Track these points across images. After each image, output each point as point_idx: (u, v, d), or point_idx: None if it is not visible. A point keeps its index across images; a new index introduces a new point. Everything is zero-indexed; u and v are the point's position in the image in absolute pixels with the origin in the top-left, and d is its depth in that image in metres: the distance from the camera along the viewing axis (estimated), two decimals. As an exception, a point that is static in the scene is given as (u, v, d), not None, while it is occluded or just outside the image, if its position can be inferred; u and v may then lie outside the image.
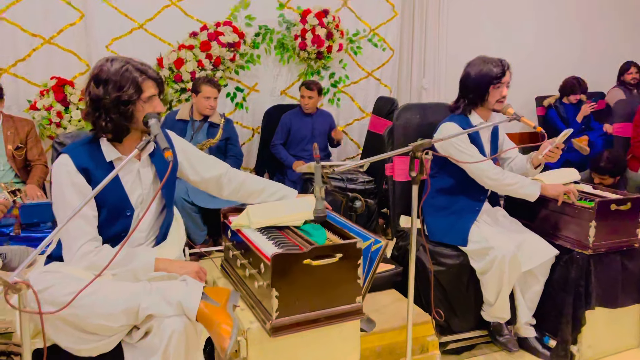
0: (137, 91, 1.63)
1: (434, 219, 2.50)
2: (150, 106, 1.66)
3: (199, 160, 1.93)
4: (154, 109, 1.66)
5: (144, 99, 1.65)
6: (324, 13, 4.36)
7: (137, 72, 1.63)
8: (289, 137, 4.21)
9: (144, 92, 1.65)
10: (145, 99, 1.65)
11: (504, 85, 2.37)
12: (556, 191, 2.38)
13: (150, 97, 1.66)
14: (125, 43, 4.01)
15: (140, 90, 1.63)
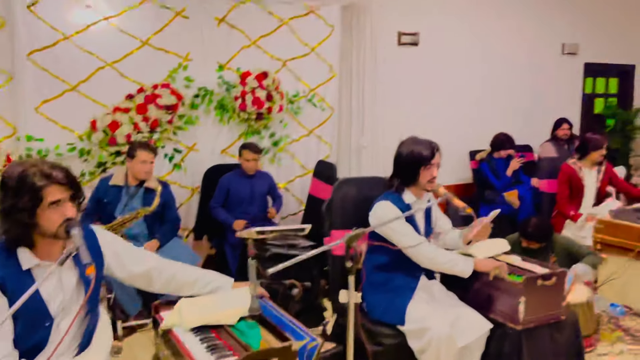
0: (35, 198, 1.55)
1: (372, 296, 2.52)
2: (56, 212, 1.58)
3: (127, 255, 1.85)
4: (62, 215, 1.59)
5: (46, 206, 1.57)
6: (264, 75, 4.42)
7: (39, 177, 1.56)
8: (227, 198, 4.16)
9: (45, 198, 1.56)
10: (47, 206, 1.57)
11: (434, 166, 2.46)
12: (487, 267, 2.47)
13: (55, 202, 1.58)
14: (57, 105, 3.89)
15: (39, 198, 1.56)
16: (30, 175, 1.55)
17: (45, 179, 1.56)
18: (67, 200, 1.61)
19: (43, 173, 1.57)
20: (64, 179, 1.60)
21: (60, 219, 1.58)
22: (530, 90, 6.37)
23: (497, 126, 5.74)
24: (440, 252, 2.46)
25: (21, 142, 3.75)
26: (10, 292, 1.52)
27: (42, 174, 1.56)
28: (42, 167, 1.58)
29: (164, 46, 4.19)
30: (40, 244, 1.62)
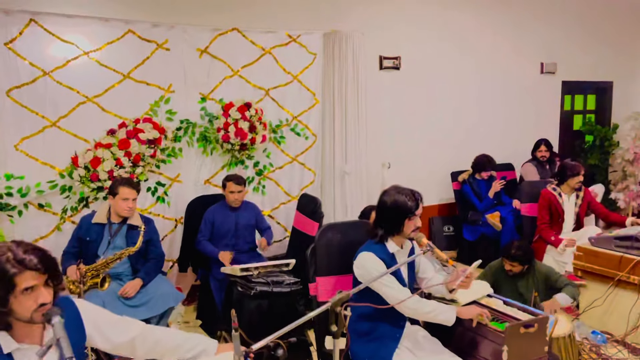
0: (8, 286, 1.53)
1: (357, 345, 2.53)
2: (30, 298, 1.56)
3: (110, 327, 1.84)
4: (35, 301, 1.56)
5: (19, 293, 1.54)
6: (247, 106, 4.42)
7: (12, 263, 1.53)
8: (212, 231, 4.15)
9: (18, 285, 1.54)
10: (20, 292, 1.55)
11: (418, 217, 2.48)
12: (470, 314, 2.50)
13: (27, 288, 1.56)
14: (36, 142, 3.86)
15: (12, 285, 1.53)
16: (3, 262, 1.53)
17: (18, 265, 1.54)
18: (41, 285, 1.58)
19: (16, 259, 1.54)
20: (38, 264, 1.57)
21: (34, 304, 1.56)
22: (511, 110, 6.47)
23: (478, 146, 5.83)
24: (423, 302, 2.49)
25: (1, 181, 3.70)
26: None
27: (16, 260, 1.54)
28: (16, 252, 1.55)
29: (145, 79, 4.18)
30: (17, 327, 1.60)
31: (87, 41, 3.96)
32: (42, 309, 1.55)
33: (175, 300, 3.58)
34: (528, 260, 3.60)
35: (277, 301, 3.51)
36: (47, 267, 1.59)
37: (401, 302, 2.33)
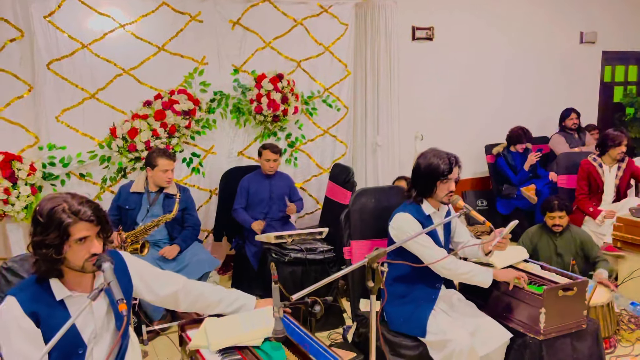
0: (63, 235, 1.59)
1: (392, 307, 2.55)
2: (83, 248, 1.62)
3: (155, 279, 1.90)
4: (87, 251, 1.62)
5: (73, 242, 1.61)
6: (279, 78, 4.43)
7: (67, 214, 1.59)
8: (247, 199, 4.21)
9: (73, 235, 1.60)
10: (74, 242, 1.61)
11: (452, 180, 2.46)
12: (507, 277, 2.48)
13: (81, 239, 1.62)
14: (77, 113, 3.95)
15: (66, 234, 1.59)
16: (59, 212, 1.59)
17: (73, 216, 1.60)
18: (93, 236, 1.65)
19: (71, 210, 1.60)
20: (92, 216, 1.63)
21: (86, 254, 1.62)
22: (548, 81, 6.29)
23: (513, 119, 5.70)
24: (459, 263, 2.48)
25: (44, 151, 3.83)
26: (44, 324, 1.57)
27: (71, 211, 1.60)
28: (71, 203, 1.62)
29: (179, 51, 4.22)
30: (69, 275, 1.67)
31: (122, 14, 4.02)
32: (93, 259, 1.61)
33: (211, 266, 3.67)
34: (570, 210, 3.60)
35: (311, 268, 3.57)
36: (100, 219, 1.66)
37: (437, 261, 2.33)
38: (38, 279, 1.65)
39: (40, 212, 1.60)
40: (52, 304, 1.62)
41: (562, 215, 3.52)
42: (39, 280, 1.65)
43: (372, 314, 1.92)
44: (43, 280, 1.65)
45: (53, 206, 1.59)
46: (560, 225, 3.54)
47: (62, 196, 1.64)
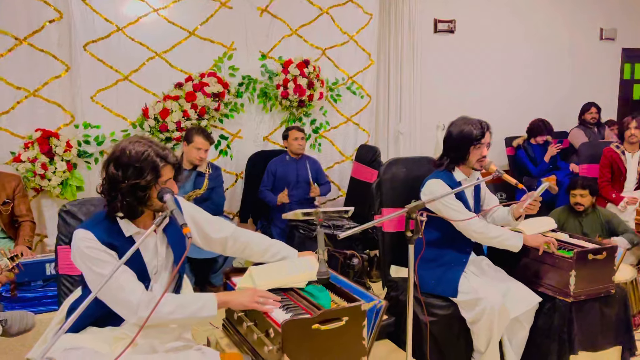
0: (156, 177, 1.68)
1: (424, 271, 2.60)
2: (174, 189, 1.74)
3: (207, 223, 1.99)
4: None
5: (160, 183, 1.70)
6: (305, 63, 4.53)
7: (157, 157, 1.69)
8: (274, 182, 4.30)
9: (162, 177, 1.70)
10: (161, 183, 1.70)
11: (484, 145, 2.53)
12: (537, 242, 2.54)
13: (166, 180, 1.72)
14: (111, 94, 4.07)
15: (158, 176, 1.69)
16: (152, 154, 1.68)
17: (162, 159, 1.70)
18: (172, 179, 1.76)
19: (159, 155, 1.70)
20: (175, 160, 1.75)
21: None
22: (568, 77, 6.34)
23: (533, 113, 5.74)
24: (490, 226, 2.54)
25: (79, 129, 3.95)
26: (120, 256, 1.66)
27: (159, 155, 1.70)
28: (156, 148, 1.71)
29: (209, 36, 4.35)
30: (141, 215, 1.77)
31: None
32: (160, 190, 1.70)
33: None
34: (596, 191, 3.63)
35: (338, 244, 3.63)
36: (179, 164, 1.77)
37: (466, 219, 2.38)
38: (106, 218, 1.74)
39: (130, 156, 1.67)
40: (123, 240, 1.71)
41: (584, 193, 3.56)
42: (108, 220, 1.74)
43: (410, 261, 1.99)
44: (112, 219, 1.74)
45: (144, 150, 1.68)
46: (582, 204, 3.58)
47: (143, 140, 1.73)
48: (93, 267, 1.64)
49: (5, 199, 3.33)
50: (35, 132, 3.78)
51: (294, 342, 1.63)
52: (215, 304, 1.74)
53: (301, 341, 1.64)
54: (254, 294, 1.78)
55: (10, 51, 3.73)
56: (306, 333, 1.65)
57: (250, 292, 1.80)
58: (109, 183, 1.68)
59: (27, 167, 3.72)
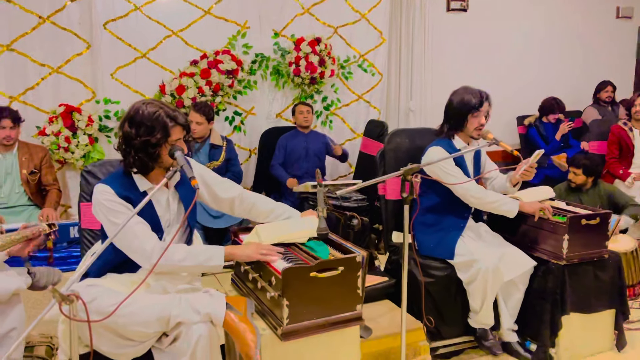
0: (165, 136, 1.83)
1: (423, 235, 2.74)
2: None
3: (216, 183, 2.14)
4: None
5: (170, 142, 1.85)
6: (317, 41, 4.63)
7: (168, 118, 1.83)
8: (285, 156, 4.44)
9: (171, 136, 1.85)
10: (171, 142, 1.85)
11: (482, 114, 2.62)
12: (533, 208, 2.64)
13: (176, 140, 1.87)
14: (129, 71, 4.24)
15: (167, 135, 1.84)
16: (162, 115, 1.83)
17: (172, 120, 1.85)
18: (182, 139, 1.90)
19: (170, 115, 1.85)
20: (185, 122, 1.90)
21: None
22: (583, 55, 6.31)
23: (547, 92, 5.75)
24: (488, 192, 2.64)
25: (100, 105, 4.14)
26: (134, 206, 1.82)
27: (169, 116, 1.85)
28: (167, 109, 1.86)
29: (224, 15, 4.48)
30: (152, 172, 1.93)
31: (172, -22, 4.30)
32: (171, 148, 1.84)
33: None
34: (592, 172, 3.68)
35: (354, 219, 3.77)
36: (188, 126, 1.91)
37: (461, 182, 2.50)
38: (123, 174, 1.91)
39: (143, 115, 1.82)
40: (138, 194, 1.87)
41: (578, 172, 3.63)
42: (124, 176, 1.91)
43: (405, 220, 2.11)
44: (128, 174, 1.91)
45: (155, 110, 1.83)
46: (574, 182, 3.65)
47: (156, 102, 1.88)
48: (111, 217, 1.81)
49: (33, 168, 3.55)
50: (59, 107, 3.98)
51: (294, 288, 1.78)
52: (223, 255, 1.89)
53: (300, 288, 1.79)
54: (258, 247, 1.93)
55: (35, 29, 3.92)
56: (305, 280, 1.80)
57: (254, 245, 1.95)
58: (124, 140, 1.84)
59: (51, 140, 3.93)
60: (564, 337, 2.61)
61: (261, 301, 1.99)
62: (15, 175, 3.50)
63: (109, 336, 1.66)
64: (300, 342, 1.84)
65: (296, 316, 1.79)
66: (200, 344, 1.66)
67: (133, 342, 1.68)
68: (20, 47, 3.91)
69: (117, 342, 1.67)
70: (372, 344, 2.34)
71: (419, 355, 2.44)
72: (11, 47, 3.88)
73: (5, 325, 2.07)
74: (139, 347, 1.70)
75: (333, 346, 1.93)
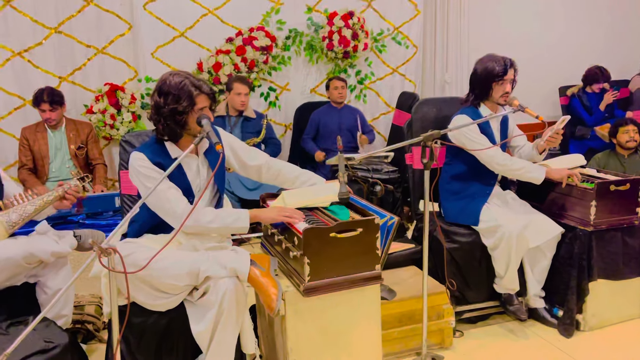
0: (191, 104, 1.95)
1: (449, 203, 2.78)
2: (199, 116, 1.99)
3: (243, 151, 2.26)
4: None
5: (196, 110, 1.97)
6: (350, 15, 4.65)
7: (193, 87, 1.95)
8: (318, 131, 4.53)
9: (197, 104, 1.96)
10: (197, 110, 1.97)
11: (507, 82, 2.61)
12: (560, 174, 2.62)
13: (201, 108, 1.99)
14: (168, 50, 4.41)
15: (193, 103, 1.95)
16: (187, 85, 1.95)
17: (197, 88, 1.97)
18: (208, 107, 2.02)
19: (195, 84, 1.97)
20: (209, 90, 2.01)
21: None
22: (630, 22, 6.02)
23: (591, 60, 5.54)
24: (514, 159, 2.65)
25: (142, 83, 4.34)
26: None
27: (194, 84, 1.97)
28: (192, 79, 1.98)
29: (258, -8, 4.57)
30: (182, 140, 2.06)
31: (208, -43, 4.40)
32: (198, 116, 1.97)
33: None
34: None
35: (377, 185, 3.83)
36: (213, 94, 2.03)
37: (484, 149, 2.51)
38: (156, 142, 2.05)
39: (170, 85, 1.95)
40: (169, 160, 2.02)
41: (636, 130, 3.54)
42: (157, 142, 2.05)
43: (425, 187, 2.17)
44: (161, 142, 2.05)
45: (181, 80, 1.96)
46: (635, 140, 3.56)
47: (182, 73, 2.00)
48: (145, 182, 1.96)
49: (80, 144, 3.80)
50: (104, 86, 4.20)
51: (314, 247, 1.88)
52: (248, 217, 2.02)
53: (320, 247, 1.89)
54: (281, 210, 2.04)
55: (80, 12, 4.13)
56: (325, 240, 1.89)
57: (278, 208, 2.06)
58: (154, 109, 1.98)
59: (98, 118, 4.16)
60: (591, 303, 2.61)
61: (286, 261, 2.10)
62: (64, 150, 3.76)
63: (144, 288, 1.82)
64: (321, 299, 1.95)
65: (317, 274, 1.90)
66: (227, 296, 1.79)
67: (166, 294, 1.84)
68: (67, 29, 4.13)
69: (152, 294, 1.83)
70: (395, 305, 2.44)
71: (442, 318, 2.52)
72: (59, 29, 4.11)
73: (53, 286, 2.28)
74: (172, 299, 1.86)
75: (353, 304, 2.03)
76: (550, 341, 2.60)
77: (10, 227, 2.16)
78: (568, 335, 2.61)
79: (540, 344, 2.59)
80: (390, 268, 2.70)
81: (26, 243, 2.15)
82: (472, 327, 2.75)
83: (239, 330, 1.91)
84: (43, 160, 3.71)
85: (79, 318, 2.70)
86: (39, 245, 2.16)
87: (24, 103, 4.03)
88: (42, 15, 4.03)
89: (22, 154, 3.74)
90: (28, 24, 4.01)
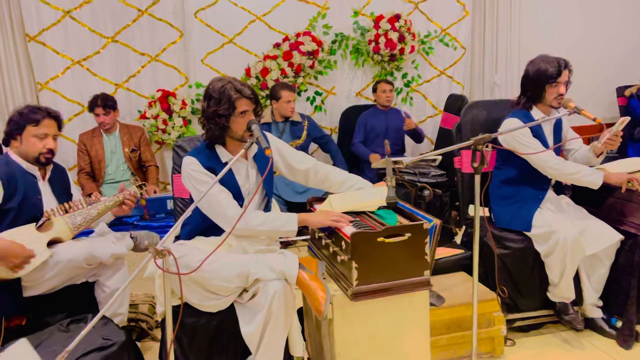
0: (231, 107, 2.00)
1: (500, 207, 2.70)
2: (243, 120, 2.04)
3: (291, 156, 2.29)
4: (246, 122, 2.03)
5: (237, 114, 2.02)
6: (396, 18, 4.63)
7: (234, 91, 2.01)
8: (366, 134, 4.52)
9: (237, 108, 2.01)
10: (238, 114, 2.02)
11: (561, 84, 2.52)
12: (619, 179, 2.51)
13: (243, 112, 2.03)
14: (218, 56, 4.52)
15: (233, 107, 2.00)
16: (229, 89, 2.01)
17: (238, 92, 2.02)
18: (251, 112, 2.06)
19: (236, 88, 2.02)
20: (251, 94, 2.06)
21: (244, 126, 2.04)
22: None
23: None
24: (568, 163, 2.55)
25: (192, 89, 4.47)
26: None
27: (236, 89, 2.02)
28: (234, 83, 2.04)
29: (304, -3, 4.61)
30: (230, 144, 2.12)
31: (255, -36, 4.49)
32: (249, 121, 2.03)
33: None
34: None
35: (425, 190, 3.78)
36: (256, 99, 2.07)
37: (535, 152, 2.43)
38: (207, 146, 2.11)
39: (213, 89, 2.03)
40: (220, 164, 2.07)
41: None
42: (208, 147, 2.11)
43: (476, 192, 2.13)
44: (211, 147, 2.11)
45: (223, 84, 2.03)
46: None
47: (227, 78, 2.07)
48: (197, 185, 2.02)
49: (133, 147, 3.95)
50: (157, 92, 4.35)
51: (362, 251, 1.88)
52: (296, 221, 2.04)
53: (368, 251, 1.88)
54: (328, 214, 2.05)
55: (135, 21, 4.30)
56: (373, 245, 1.89)
57: (325, 212, 2.07)
58: (202, 113, 2.04)
59: (151, 123, 4.31)
60: (653, 314, 2.48)
61: (334, 265, 2.11)
62: (119, 153, 3.92)
63: (196, 289, 1.88)
64: (369, 304, 1.94)
65: (365, 278, 1.89)
66: (276, 299, 1.82)
67: (217, 295, 1.89)
68: (122, 38, 4.31)
69: (203, 295, 1.88)
70: (445, 311, 2.40)
71: (493, 325, 2.45)
72: (115, 38, 4.28)
73: (111, 285, 2.38)
74: (223, 301, 1.90)
75: (402, 310, 2.01)
76: (608, 352, 2.49)
77: (75, 229, 2.28)
78: (627, 347, 2.49)
79: (598, 355, 2.48)
80: (439, 274, 2.66)
81: (88, 245, 2.26)
82: (524, 336, 2.67)
83: (287, 333, 1.94)
84: (100, 163, 3.89)
85: (133, 316, 2.80)
86: (99, 247, 2.27)
87: (83, 109, 4.23)
88: (100, 25, 4.22)
89: (81, 159, 3.93)
90: (86, 34, 4.20)
